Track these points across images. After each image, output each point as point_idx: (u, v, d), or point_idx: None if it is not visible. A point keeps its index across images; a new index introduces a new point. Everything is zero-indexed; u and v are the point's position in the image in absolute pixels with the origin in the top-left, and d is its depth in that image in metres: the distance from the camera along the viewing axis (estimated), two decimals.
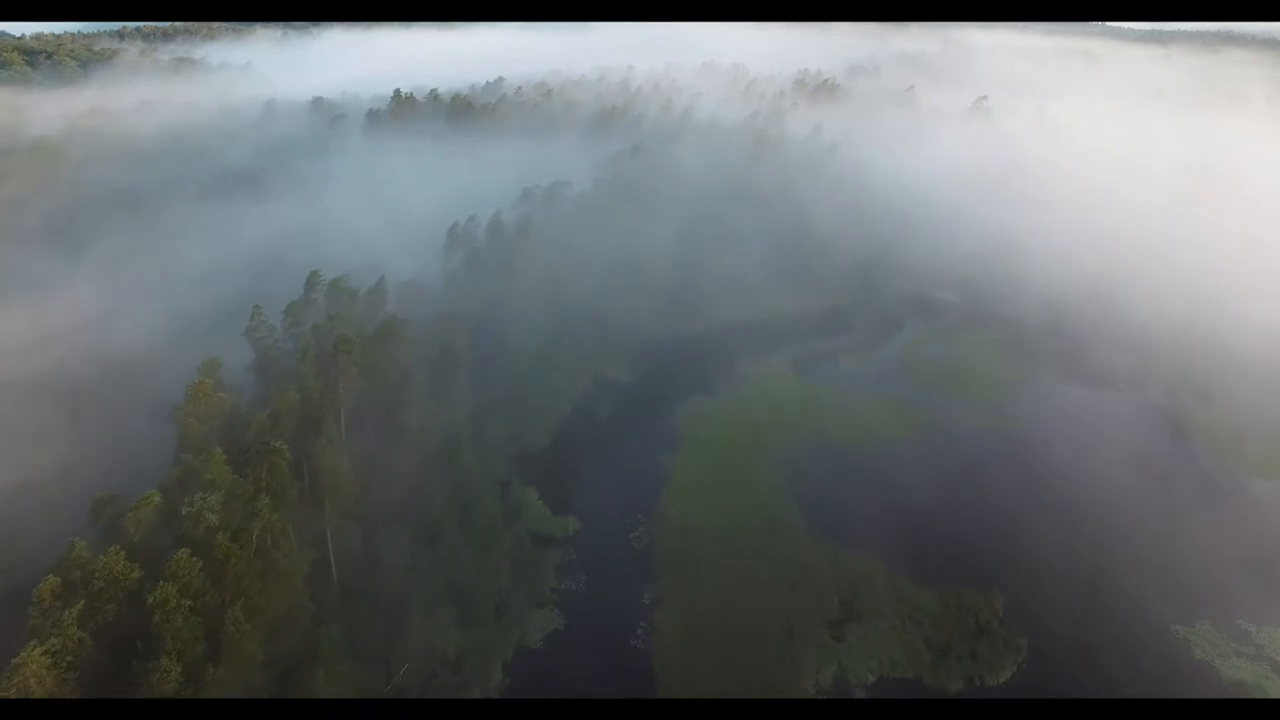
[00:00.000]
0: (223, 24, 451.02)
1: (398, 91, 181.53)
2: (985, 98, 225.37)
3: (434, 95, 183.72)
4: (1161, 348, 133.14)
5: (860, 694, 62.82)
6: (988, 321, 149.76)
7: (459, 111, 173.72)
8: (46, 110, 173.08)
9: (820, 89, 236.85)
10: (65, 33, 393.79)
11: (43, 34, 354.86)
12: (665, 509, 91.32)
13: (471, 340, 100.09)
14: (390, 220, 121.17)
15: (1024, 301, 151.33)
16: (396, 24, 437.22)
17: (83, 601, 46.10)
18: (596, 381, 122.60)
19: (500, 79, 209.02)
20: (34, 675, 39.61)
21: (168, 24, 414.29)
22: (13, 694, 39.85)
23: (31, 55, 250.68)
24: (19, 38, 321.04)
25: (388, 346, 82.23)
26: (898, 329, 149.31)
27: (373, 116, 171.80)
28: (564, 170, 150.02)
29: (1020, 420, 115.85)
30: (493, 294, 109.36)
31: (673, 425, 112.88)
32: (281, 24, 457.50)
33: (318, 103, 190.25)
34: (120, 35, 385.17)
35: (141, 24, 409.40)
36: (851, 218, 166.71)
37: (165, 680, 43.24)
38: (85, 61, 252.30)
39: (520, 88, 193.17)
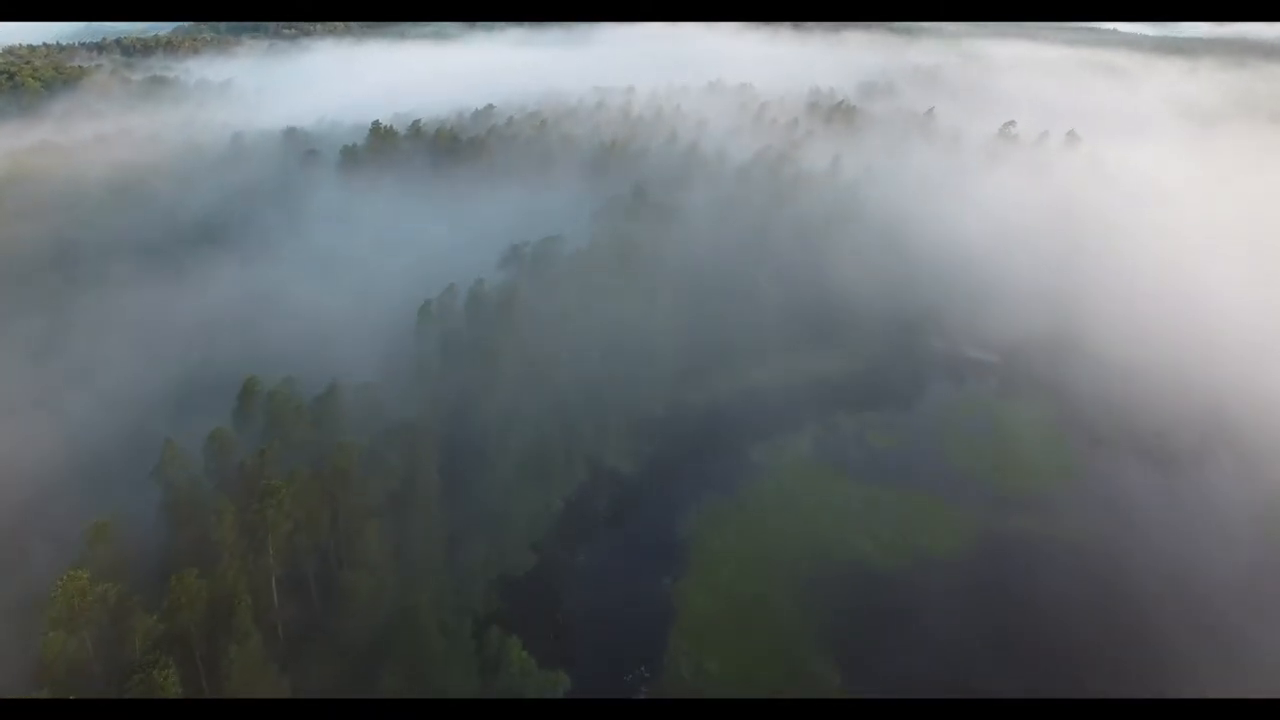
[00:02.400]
0: (207, 36, 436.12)
1: (376, 124, 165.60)
2: (1012, 123, 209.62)
3: (416, 129, 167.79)
4: (1239, 420, 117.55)
5: None
6: (1031, 389, 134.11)
7: (443, 147, 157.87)
8: None
9: (835, 112, 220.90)
10: (42, 44, 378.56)
11: (15, 47, 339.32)
12: (673, 660, 76.70)
13: (444, 452, 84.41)
14: (357, 292, 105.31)
15: (1071, 363, 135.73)
16: (387, 37, 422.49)
17: None
18: (593, 471, 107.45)
19: (490, 106, 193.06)
20: None
21: (150, 35, 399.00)
22: None
23: None
24: None
25: (333, 486, 66.69)
26: (932, 399, 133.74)
27: (348, 154, 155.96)
28: (557, 220, 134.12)
29: (1086, 523, 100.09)
30: (471, 385, 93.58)
31: (680, 532, 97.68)
32: (269, 37, 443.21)
33: (290, 135, 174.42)
34: (99, 48, 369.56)
35: (123, 35, 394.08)
36: (875, 266, 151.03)
37: None
38: (50, 83, 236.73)
39: (511, 118, 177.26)
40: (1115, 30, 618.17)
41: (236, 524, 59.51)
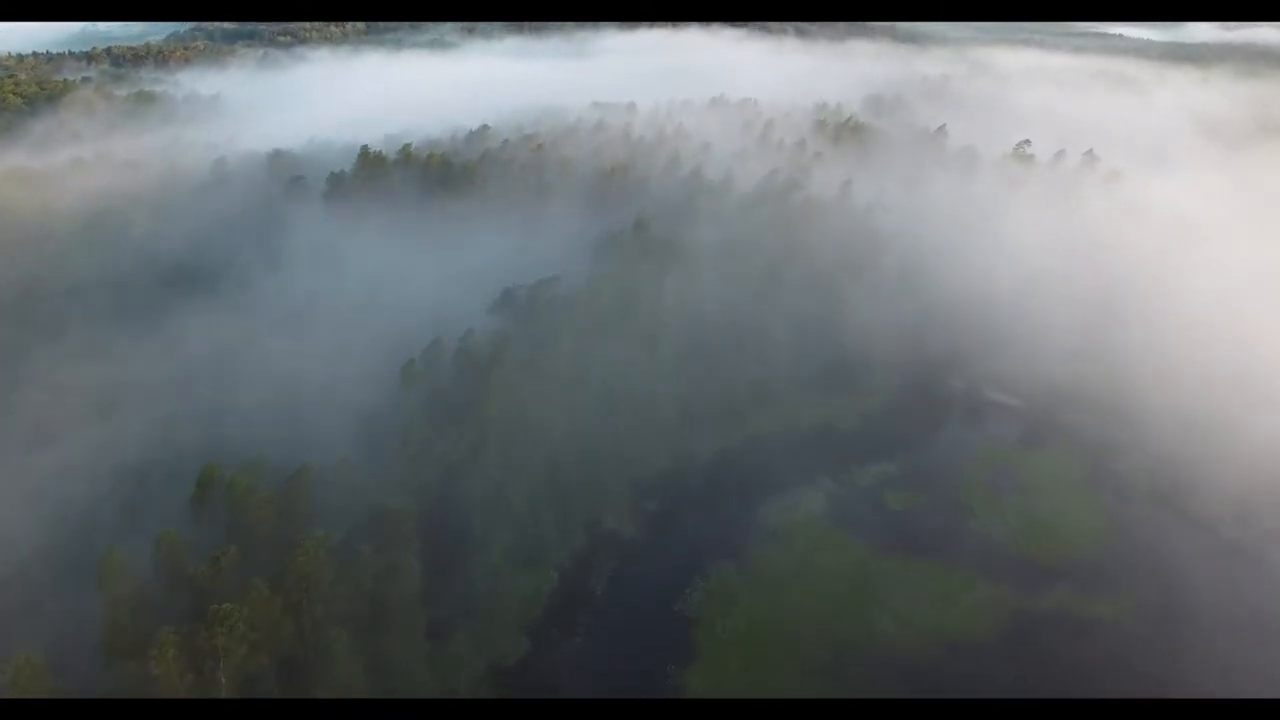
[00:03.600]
0: (200, 44, 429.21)
1: (365, 150, 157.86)
2: (1027, 142, 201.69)
3: (406, 153, 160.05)
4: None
5: None
6: (1057, 436, 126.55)
7: (434, 175, 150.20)
8: None
9: (843, 130, 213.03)
10: (32, 54, 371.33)
11: (2, 57, 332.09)
12: None
13: (428, 535, 76.67)
14: (338, 347, 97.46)
15: (1100, 409, 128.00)
16: (384, 46, 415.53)
17: None
18: (592, 535, 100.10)
19: (485, 127, 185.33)
20: None
21: (142, 44, 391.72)
22: None
23: None
24: None
25: (298, 594, 59.02)
26: (951, 448, 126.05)
27: (335, 181, 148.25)
28: (554, 256, 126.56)
29: (1128, 599, 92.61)
30: (458, 455, 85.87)
31: (685, 610, 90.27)
32: (264, 44, 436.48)
33: (276, 159, 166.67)
34: (89, 58, 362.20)
35: (114, 44, 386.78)
36: (888, 301, 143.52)
37: None
38: (33, 99, 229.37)
39: (507, 140, 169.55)
40: (1121, 35, 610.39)
41: (182, 655, 51.91)
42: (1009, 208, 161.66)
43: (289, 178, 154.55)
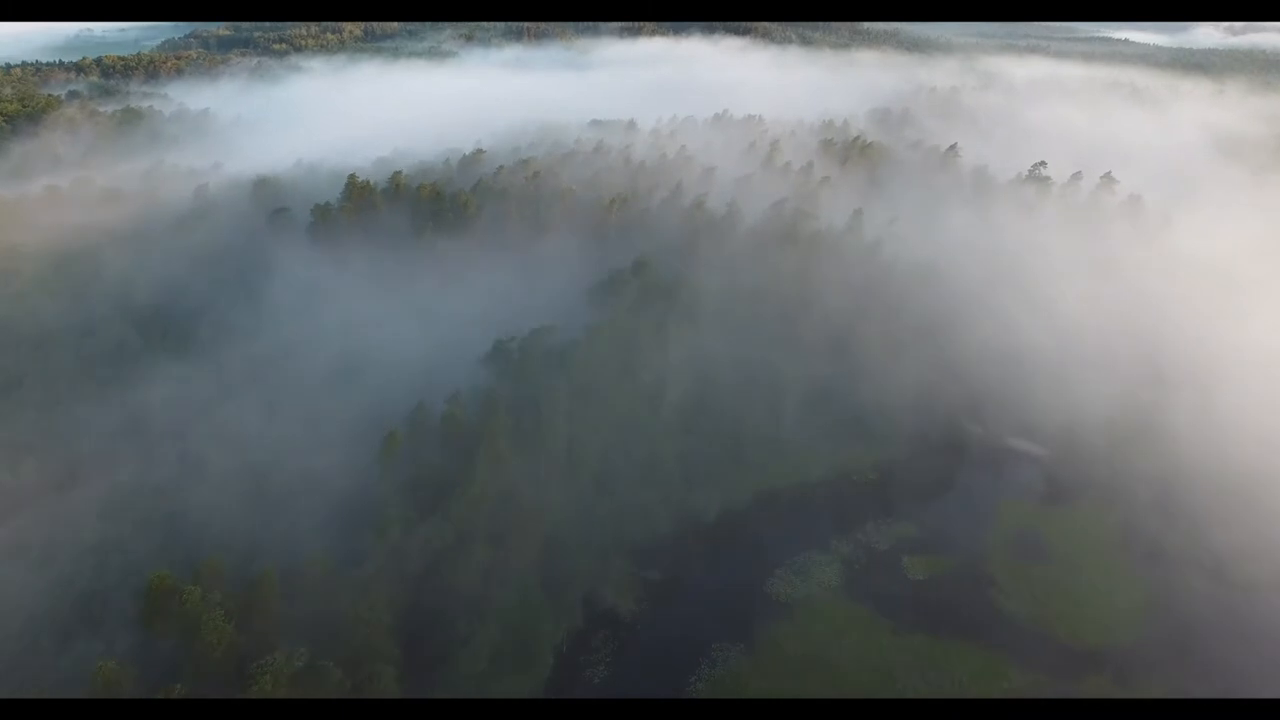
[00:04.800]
0: (193, 53, 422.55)
1: (352, 179, 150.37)
2: (1043, 164, 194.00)
3: (396, 182, 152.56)
4: None
5: None
6: (1085, 490, 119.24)
7: (424, 207, 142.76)
8: None
9: (851, 150, 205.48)
10: (20, 64, 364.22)
11: None
12: None
13: (405, 642, 69.28)
14: (312, 414, 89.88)
15: (1129, 460, 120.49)
16: (381, 55, 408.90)
17: None
18: (589, 613, 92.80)
19: (480, 151, 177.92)
20: None
21: (133, 55, 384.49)
22: None
23: None
24: None
25: None
26: (973, 503, 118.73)
27: (321, 214, 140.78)
28: (549, 300, 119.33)
29: (1172, 688, 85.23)
30: (442, 541, 78.45)
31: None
32: (257, 53, 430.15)
33: (260, 187, 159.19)
34: (79, 69, 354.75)
35: (104, 53, 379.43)
36: (902, 341, 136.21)
37: None
38: (14, 118, 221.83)
39: (502, 167, 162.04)
40: (1127, 40, 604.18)
41: None
42: (1027, 239, 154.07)
43: (273, 209, 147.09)
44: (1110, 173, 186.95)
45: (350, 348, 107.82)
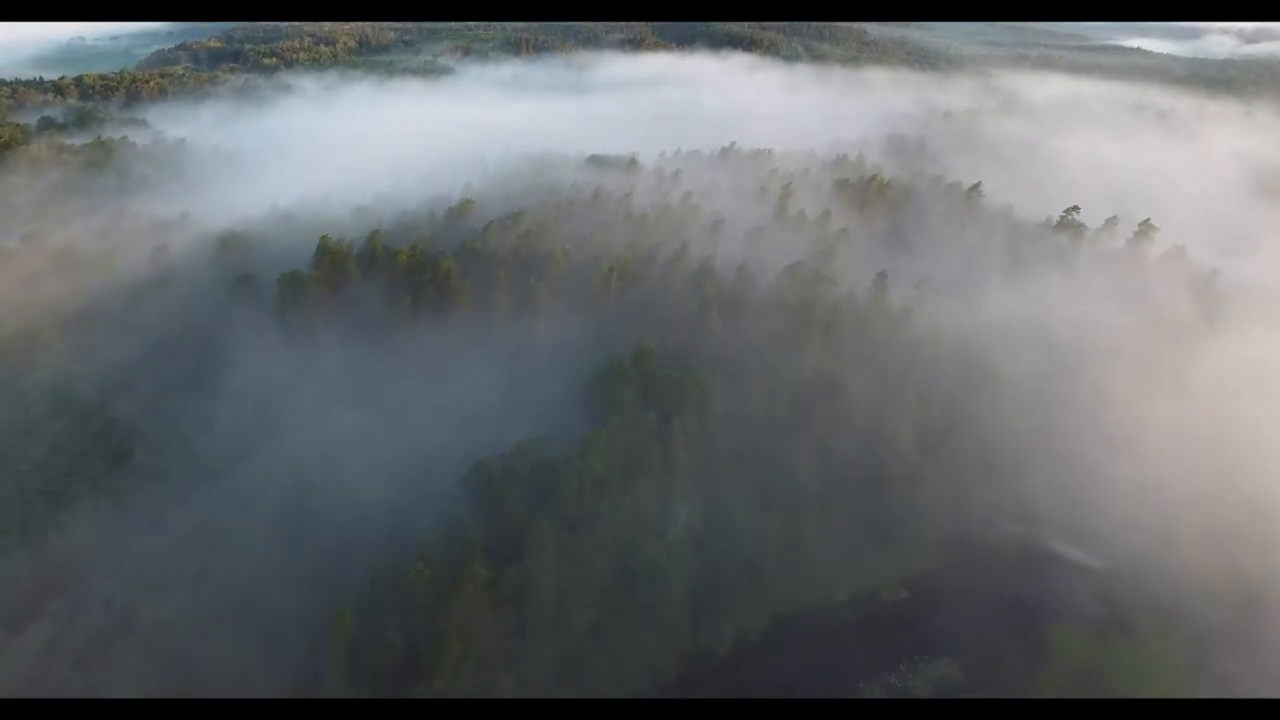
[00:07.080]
0: (178, 69, 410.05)
1: (325, 240, 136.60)
2: (1076, 209, 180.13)
3: (374, 245, 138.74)
4: None
5: None
6: (1147, 618, 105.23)
7: (401, 276, 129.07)
8: None
9: (868, 191, 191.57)
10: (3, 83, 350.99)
11: None
12: None
13: None
14: (249, 582, 75.59)
15: (1198, 580, 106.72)
16: (374, 73, 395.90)
17: None
18: None
19: (468, 201, 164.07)
20: None
21: (114, 75, 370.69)
22: None
23: None
24: None
25: None
26: (1024, 632, 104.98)
27: (289, 283, 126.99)
28: (538, 398, 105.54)
29: None
30: None
31: None
32: (246, 70, 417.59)
33: (226, 244, 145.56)
34: (57, 89, 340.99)
35: (84, 74, 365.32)
36: (932, 427, 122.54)
37: None
38: None
39: (490, 223, 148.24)
40: (1142, 50, 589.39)
41: None
42: (1069, 306, 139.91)
43: (236, 276, 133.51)
44: (1149, 219, 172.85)
45: (309, 460, 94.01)
